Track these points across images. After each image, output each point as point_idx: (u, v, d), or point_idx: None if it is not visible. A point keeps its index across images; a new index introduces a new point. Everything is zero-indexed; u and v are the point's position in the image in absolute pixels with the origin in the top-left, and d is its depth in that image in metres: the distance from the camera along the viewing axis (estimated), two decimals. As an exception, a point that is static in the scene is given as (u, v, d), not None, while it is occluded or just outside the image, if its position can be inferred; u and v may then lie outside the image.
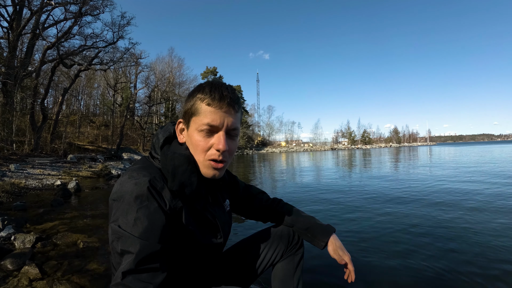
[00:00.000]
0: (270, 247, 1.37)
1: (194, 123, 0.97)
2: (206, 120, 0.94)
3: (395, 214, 4.26)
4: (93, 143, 27.74)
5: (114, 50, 20.71)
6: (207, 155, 0.97)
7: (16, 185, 7.01)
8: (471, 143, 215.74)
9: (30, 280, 2.21)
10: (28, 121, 16.08)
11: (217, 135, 0.96)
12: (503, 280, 2.18)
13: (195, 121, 0.96)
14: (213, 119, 0.94)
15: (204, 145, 0.96)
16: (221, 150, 0.95)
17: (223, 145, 0.94)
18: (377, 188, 6.82)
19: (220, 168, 0.99)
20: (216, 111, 0.94)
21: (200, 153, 0.97)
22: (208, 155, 0.97)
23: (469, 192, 5.92)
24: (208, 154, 0.97)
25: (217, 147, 0.95)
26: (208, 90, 0.96)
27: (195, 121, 0.96)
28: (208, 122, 0.94)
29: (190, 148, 1.00)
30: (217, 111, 0.94)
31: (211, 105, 0.94)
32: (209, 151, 0.97)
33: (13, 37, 14.09)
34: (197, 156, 0.98)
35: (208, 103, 0.94)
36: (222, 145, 0.94)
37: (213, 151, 0.96)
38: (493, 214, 4.12)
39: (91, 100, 42.09)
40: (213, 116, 0.94)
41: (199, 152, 0.97)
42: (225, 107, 0.95)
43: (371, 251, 2.84)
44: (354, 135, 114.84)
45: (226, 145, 0.95)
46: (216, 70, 66.57)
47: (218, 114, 0.94)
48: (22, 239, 3.05)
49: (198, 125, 0.95)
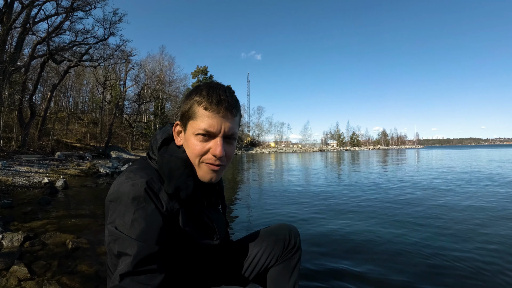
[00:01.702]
0: (264, 251, 1.33)
1: (191, 127, 0.96)
2: (203, 125, 0.93)
3: (377, 216, 4.32)
4: (81, 141, 27.28)
5: (105, 47, 20.47)
6: (203, 159, 0.96)
7: (3, 182, 6.88)
8: (458, 146, 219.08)
9: (19, 280, 2.18)
10: (16, 117, 15.76)
11: (214, 141, 0.95)
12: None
13: (192, 125, 0.96)
14: (210, 125, 0.93)
15: (200, 149, 0.95)
16: (218, 156, 0.94)
17: (220, 151, 0.94)
18: (358, 192, 6.89)
19: (217, 170, 0.98)
20: (213, 115, 0.93)
21: (197, 157, 0.96)
22: (205, 159, 0.96)
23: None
24: (204, 158, 0.96)
25: (214, 153, 0.94)
26: (205, 93, 0.94)
27: (192, 125, 0.96)
28: (205, 128, 0.93)
29: (187, 151, 0.99)
30: (214, 115, 0.93)
31: (208, 110, 0.93)
32: (206, 155, 0.96)
33: (2, 31, 13.80)
34: (194, 159, 0.97)
35: (205, 107, 0.93)
36: (219, 151, 0.94)
37: (210, 155, 0.95)
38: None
39: (80, 97, 41.39)
40: (210, 121, 0.93)
41: (195, 156, 0.96)
42: (223, 112, 0.94)
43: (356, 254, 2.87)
44: (343, 137, 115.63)
45: (223, 150, 0.94)
46: (207, 69, 66.27)
47: (215, 119, 0.93)
48: (10, 238, 3.00)
49: (195, 129, 0.94)
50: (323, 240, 3.25)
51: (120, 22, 19.44)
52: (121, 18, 19.30)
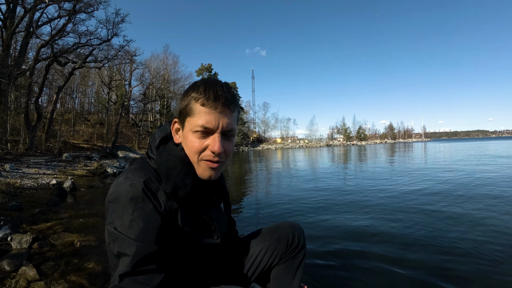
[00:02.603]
0: (267, 250, 1.33)
1: (188, 124, 0.96)
2: (200, 122, 0.92)
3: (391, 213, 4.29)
4: (88, 142, 27.53)
5: (109, 48, 20.61)
6: (202, 155, 0.95)
7: (12, 185, 6.96)
8: (466, 139, 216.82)
9: (28, 281, 2.21)
10: (22, 120, 15.94)
11: (212, 137, 0.94)
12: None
13: (190, 122, 0.95)
14: (208, 121, 0.92)
15: (198, 146, 0.94)
16: (216, 152, 0.93)
17: (218, 147, 0.93)
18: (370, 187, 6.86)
19: (216, 168, 0.97)
20: (211, 111, 0.92)
21: (195, 154, 0.95)
22: (203, 156, 0.95)
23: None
24: (203, 155, 0.95)
25: (212, 149, 0.93)
26: (202, 89, 0.93)
27: (190, 121, 0.95)
28: (203, 124, 0.92)
29: (185, 148, 0.98)
30: (212, 111, 0.92)
31: (205, 106, 0.92)
32: (204, 152, 0.95)
33: (6, 36, 13.95)
34: (192, 157, 0.97)
35: (202, 103, 0.92)
36: (217, 147, 0.93)
37: (208, 152, 0.95)
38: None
39: (86, 98, 41.75)
40: (208, 118, 0.92)
41: (193, 153, 0.95)
42: (220, 107, 0.93)
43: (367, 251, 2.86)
44: (350, 132, 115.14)
45: (221, 146, 0.94)
46: (211, 67, 66.05)
47: (212, 115, 0.93)
48: (19, 239, 3.04)
49: (193, 126, 0.94)
50: (331, 238, 3.22)
51: (123, 23, 19.57)
52: (123, 18, 19.42)
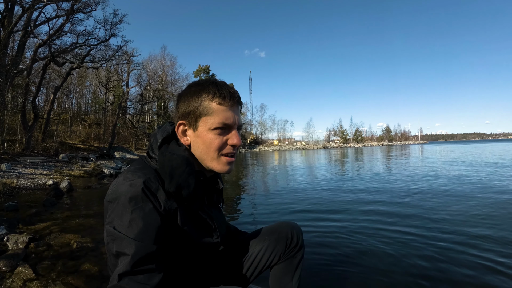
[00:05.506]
0: (266, 250, 1.34)
1: (204, 123, 1.00)
2: (219, 119, 0.98)
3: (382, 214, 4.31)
4: (85, 142, 27.45)
5: (106, 48, 20.64)
6: (222, 151, 1.01)
7: (8, 185, 6.94)
8: (462, 141, 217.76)
9: (24, 280, 2.20)
10: (19, 120, 15.90)
11: (233, 132, 1.02)
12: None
13: (206, 121, 0.99)
14: (227, 117, 0.99)
15: (219, 142, 1.00)
16: (237, 145, 1.01)
17: (239, 139, 1.02)
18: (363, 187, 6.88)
19: (233, 162, 1.05)
20: (227, 109, 1.00)
21: (216, 151, 1.01)
22: (223, 151, 1.01)
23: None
24: (223, 150, 1.01)
25: (233, 143, 1.01)
26: (215, 89, 1.00)
27: (206, 121, 0.99)
28: (223, 121, 0.99)
29: (200, 147, 1.02)
30: (228, 109, 1.00)
31: (222, 104, 0.99)
32: (225, 147, 1.01)
33: (4, 35, 13.90)
34: (212, 154, 1.01)
35: (219, 102, 0.99)
36: (237, 139, 1.01)
37: (229, 146, 1.01)
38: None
39: (83, 98, 41.70)
40: (226, 114, 0.99)
41: (214, 150, 1.00)
42: (235, 105, 1.03)
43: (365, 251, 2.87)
44: (347, 134, 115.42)
45: (240, 139, 1.03)
46: (209, 68, 66.17)
47: (229, 112, 1.00)
48: (15, 239, 3.03)
49: (211, 124, 0.99)
50: (329, 238, 3.24)
51: (121, 23, 19.60)
52: (121, 19, 19.42)
